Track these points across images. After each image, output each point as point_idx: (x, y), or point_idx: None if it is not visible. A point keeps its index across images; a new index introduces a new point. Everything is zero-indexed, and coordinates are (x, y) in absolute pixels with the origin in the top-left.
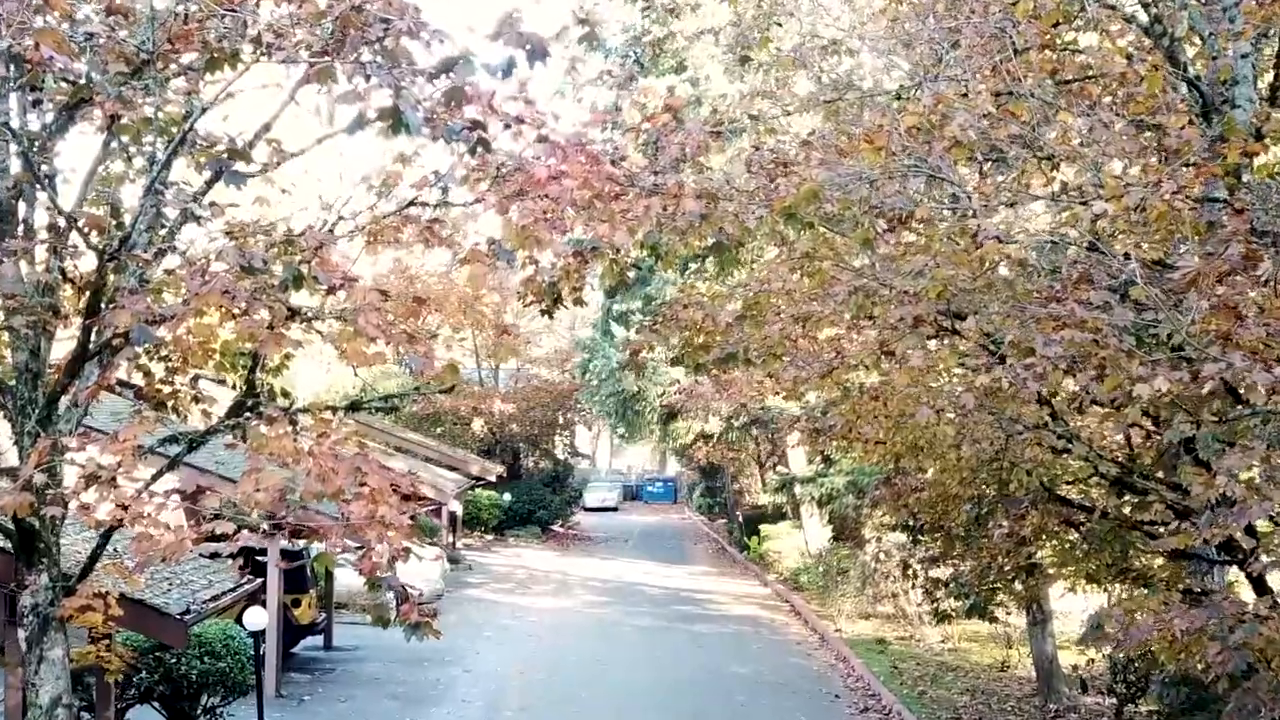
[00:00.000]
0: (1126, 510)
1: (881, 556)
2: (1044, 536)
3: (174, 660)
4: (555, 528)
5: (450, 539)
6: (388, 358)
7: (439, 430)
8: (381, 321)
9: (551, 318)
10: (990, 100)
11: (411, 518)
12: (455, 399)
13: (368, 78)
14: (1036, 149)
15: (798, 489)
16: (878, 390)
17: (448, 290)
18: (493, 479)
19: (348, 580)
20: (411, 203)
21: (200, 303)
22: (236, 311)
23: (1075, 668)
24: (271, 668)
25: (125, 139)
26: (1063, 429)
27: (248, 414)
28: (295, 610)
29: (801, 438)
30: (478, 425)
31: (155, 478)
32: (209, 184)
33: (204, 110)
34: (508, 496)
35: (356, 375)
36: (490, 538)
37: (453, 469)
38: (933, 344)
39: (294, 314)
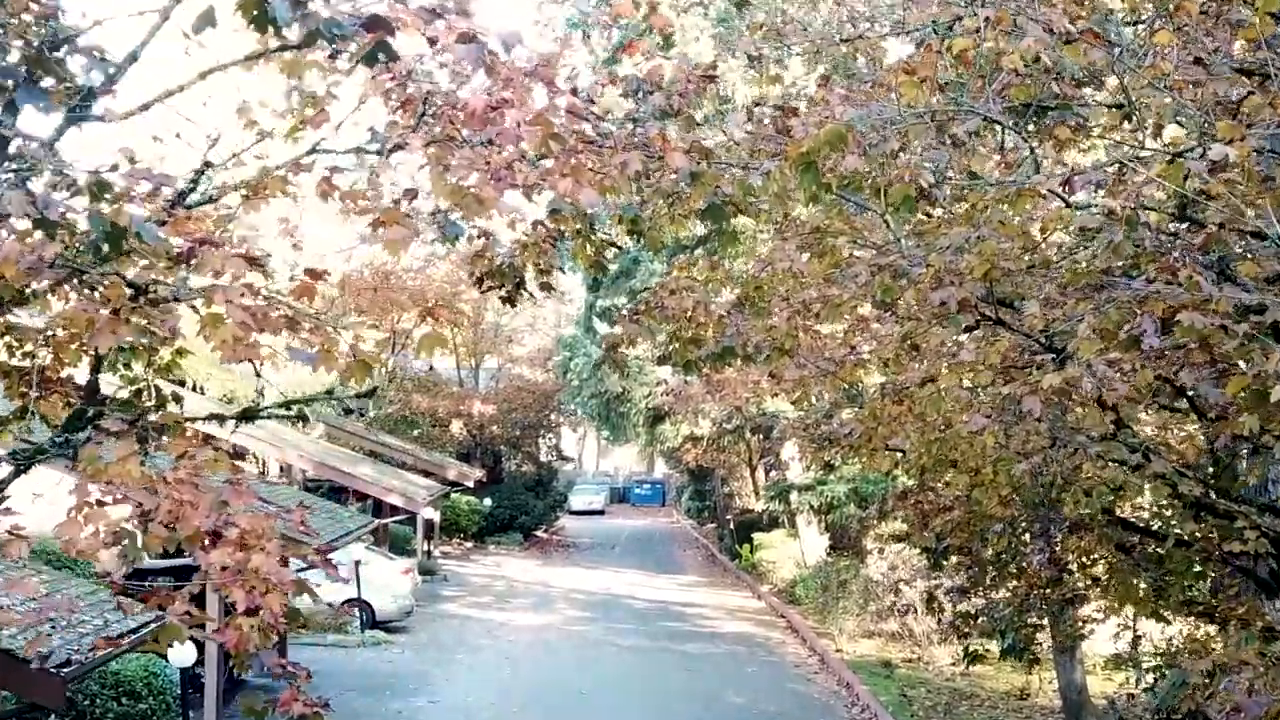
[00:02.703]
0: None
1: (893, 576)
2: (1093, 565)
3: (86, 702)
4: (539, 534)
5: (426, 547)
6: (267, 350)
7: (416, 433)
8: (253, 302)
9: (514, 305)
10: (1065, 16)
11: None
12: (433, 400)
13: None
14: (1123, 82)
15: (794, 496)
16: (901, 392)
17: (424, 286)
18: (470, 484)
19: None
20: (314, 149)
21: None
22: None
23: (1111, 702)
24: (212, 702)
25: None
26: (1134, 440)
27: (92, 427)
28: None
29: (803, 445)
30: (456, 427)
31: None
32: (60, 130)
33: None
34: (488, 502)
35: (259, 375)
36: (470, 545)
37: (428, 474)
38: (964, 338)
39: (139, 292)
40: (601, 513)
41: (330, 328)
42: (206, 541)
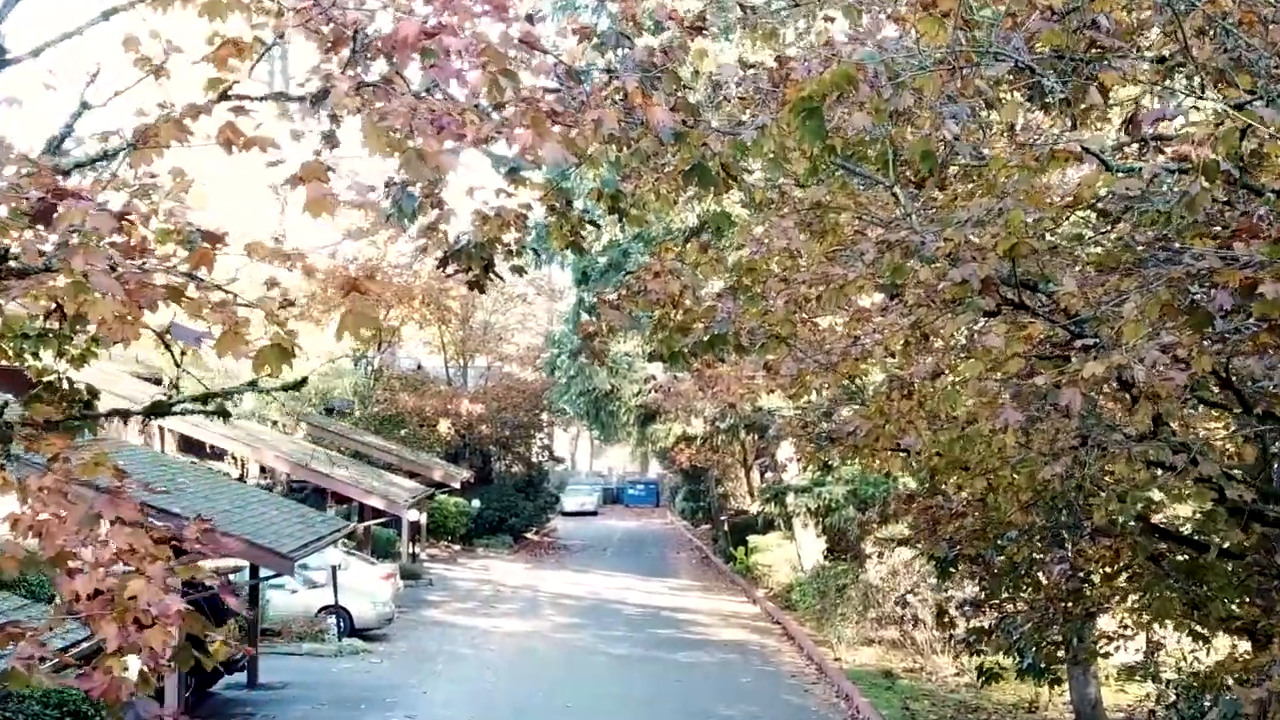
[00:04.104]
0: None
1: (894, 581)
2: (1117, 576)
3: None
4: (529, 536)
5: (412, 550)
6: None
7: (403, 433)
8: (125, 269)
9: (483, 291)
10: None
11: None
12: (420, 399)
13: None
14: (1179, 20)
15: (790, 499)
16: (911, 386)
17: (410, 282)
18: (457, 485)
19: (283, 603)
20: (224, 94)
21: None
22: None
23: (1130, 717)
24: None
25: None
26: (1176, 439)
27: None
28: (211, 645)
29: (800, 444)
30: (444, 427)
31: None
32: None
33: None
34: (476, 503)
35: (178, 365)
36: (457, 548)
37: (413, 475)
38: (983, 323)
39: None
40: (594, 514)
41: (241, 303)
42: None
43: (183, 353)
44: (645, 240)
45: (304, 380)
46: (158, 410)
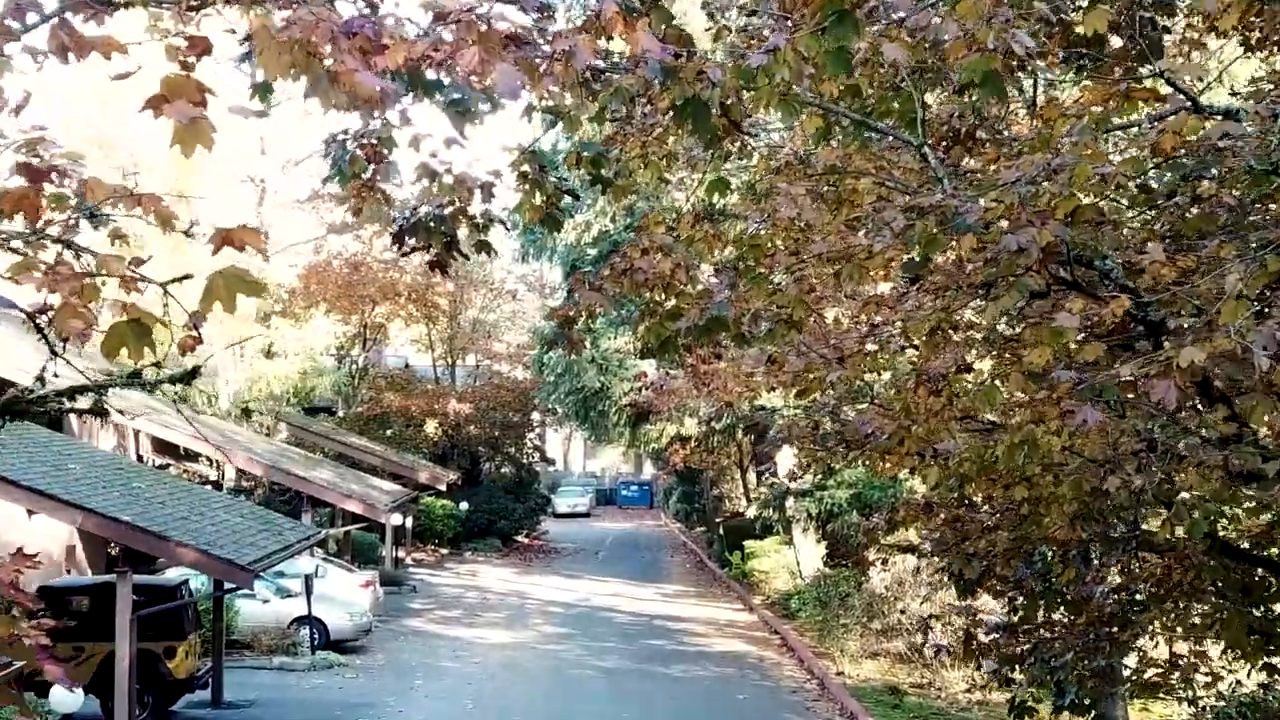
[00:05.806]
0: None
1: (899, 590)
2: (1167, 598)
3: None
4: (519, 539)
5: (395, 555)
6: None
7: (388, 434)
8: None
9: (445, 272)
10: None
11: None
12: (406, 398)
13: None
14: None
15: (790, 503)
16: (939, 380)
17: (398, 277)
18: (443, 487)
19: (254, 613)
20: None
21: None
22: None
23: None
24: None
25: None
26: (1262, 446)
27: None
28: (170, 661)
29: (804, 448)
30: (432, 428)
31: None
32: None
33: None
34: (465, 506)
35: (56, 354)
36: (445, 552)
37: (398, 477)
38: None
39: None
40: (587, 515)
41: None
42: None
43: (64, 340)
44: (638, 230)
45: (195, 371)
46: (10, 409)
